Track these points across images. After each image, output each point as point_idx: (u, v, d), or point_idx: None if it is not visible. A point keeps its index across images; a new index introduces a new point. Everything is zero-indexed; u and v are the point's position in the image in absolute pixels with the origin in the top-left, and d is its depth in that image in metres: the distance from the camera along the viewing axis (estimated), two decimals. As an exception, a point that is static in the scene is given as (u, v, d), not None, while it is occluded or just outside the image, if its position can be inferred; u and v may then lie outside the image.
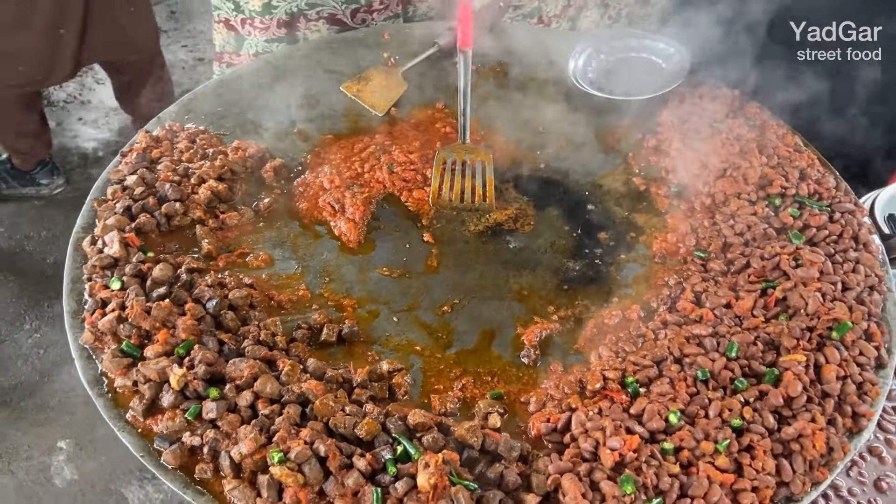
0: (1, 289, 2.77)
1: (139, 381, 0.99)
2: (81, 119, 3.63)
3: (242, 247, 1.27)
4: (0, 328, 2.60)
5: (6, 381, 2.41)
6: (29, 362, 2.47)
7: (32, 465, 2.18)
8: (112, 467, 2.19)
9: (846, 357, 1.05)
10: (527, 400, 1.06)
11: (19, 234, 3.00)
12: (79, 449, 2.23)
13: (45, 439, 2.25)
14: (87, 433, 2.27)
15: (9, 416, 2.30)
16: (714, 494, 0.89)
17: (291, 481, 0.88)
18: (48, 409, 2.33)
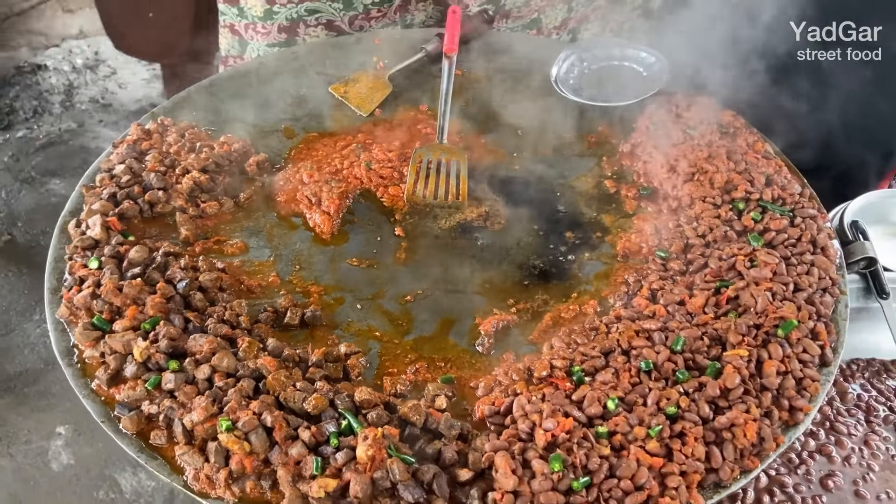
0: (15, 281, 2.87)
1: (106, 353, 1.05)
2: (102, 121, 3.74)
3: (219, 235, 1.33)
4: (11, 318, 2.69)
5: (12, 369, 2.49)
6: (35, 351, 2.56)
7: (31, 449, 2.25)
8: (108, 454, 2.26)
9: (789, 354, 1.08)
10: (476, 385, 1.10)
11: (35, 230, 3.10)
12: (77, 434, 2.30)
13: (45, 424, 2.32)
14: (86, 420, 2.32)
15: (11, 402, 2.38)
16: (641, 476, 0.92)
17: (237, 448, 0.93)
18: (50, 395, 2.41)
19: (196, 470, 0.94)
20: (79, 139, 3.63)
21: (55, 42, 3.92)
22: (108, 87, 3.94)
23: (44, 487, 2.17)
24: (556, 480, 0.91)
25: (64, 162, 3.47)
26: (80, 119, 3.75)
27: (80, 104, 3.83)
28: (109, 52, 4.01)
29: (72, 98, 3.84)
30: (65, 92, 3.85)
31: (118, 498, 2.17)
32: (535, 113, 1.60)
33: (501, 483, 0.91)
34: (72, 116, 3.76)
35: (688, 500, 0.93)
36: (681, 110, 1.54)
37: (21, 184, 3.34)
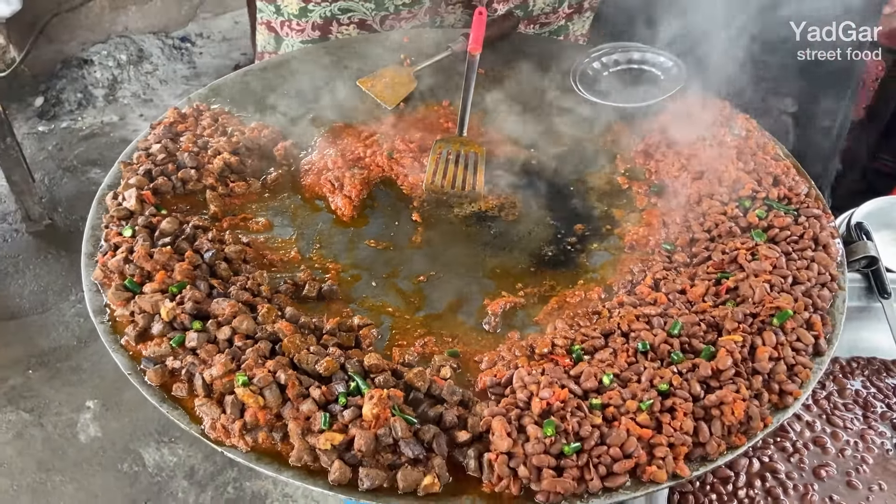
0: (54, 263, 3.00)
1: (135, 312, 1.13)
2: (142, 115, 3.89)
3: (246, 212, 1.41)
4: (48, 297, 2.81)
5: (47, 344, 2.60)
6: (69, 329, 2.67)
7: (61, 420, 2.36)
8: (133, 428, 2.35)
9: (783, 341, 1.11)
10: (480, 360, 1.16)
11: (75, 216, 3.24)
12: (105, 409, 2.40)
13: (75, 398, 2.43)
14: (115, 395, 2.44)
15: (44, 375, 2.49)
16: (630, 445, 0.97)
17: (252, 402, 1.00)
18: (81, 371, 2.51)
19: (213, 420, 1.01)
20: (119, 131, 3.77)
21: (101, 38, 4.08)
22: (150, 83, 4.08)
23: (71, 457, 2.27)
24: (549, 444, 0.96)
25: (104, 152, 3.62)
26: (122, 112, 3.89)
27: (123, 98, 3.98)
28: (152, 50, 4.17)
29: (115, 92, 4.00)
30: (108, 86, 4.00)
31: (141, 471, 2.26)
32: (554, 112, 1.66)
33: (496, 444, 0.97)
34: (114, 110, 3.91)
35: (674, 469, 0.97)
36: (695, 112, 1.59)
37: (63, 172, 3.49)
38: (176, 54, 4.28)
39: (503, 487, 0.95)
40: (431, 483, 0.94)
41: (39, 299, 2.81)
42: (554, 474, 0.95)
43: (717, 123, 1.56)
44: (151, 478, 2.24)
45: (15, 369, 2.51)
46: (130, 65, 4.10)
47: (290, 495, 2.23)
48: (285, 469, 0.97)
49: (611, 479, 0.96)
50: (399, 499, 0.95)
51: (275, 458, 0.99)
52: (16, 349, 2.58)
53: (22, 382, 2.46)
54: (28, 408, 2.38)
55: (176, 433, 2.36)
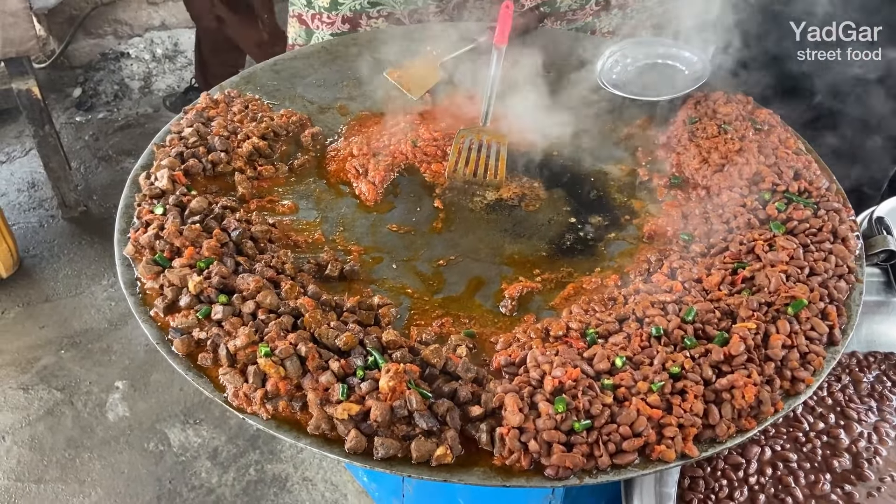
0: (88, 249, 3.08)
1: (164, 285, 1.18)
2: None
3: (273, 195, 1.45)
4: (81, 281, 2.89)
5: (79, 326, 2.68)
6: (101, 312, 2.75)
7: (90, 399, 2.43)
8: (160, 409, 2.41)
9: (797, 330, 1.12)
10: (496, 340, 1.18)
11: (109, 204, 3.32)
12: (133, 390, 2.46)
13: (104, 378, 2.49)
14: (143, 377, 2.50)
15: (75, 356, 2.56)
16: (640, 424, 0.99)
17: (273, 372, 1.03)
18: (111, 352, 2.58)
19: (236, 388, 1.04)
20: (154, 123, 3.85)
21: (138, 32, 4.18)
22: (184, 77, 4.16)
23: (99, 435, 2.34)
24: (559, 421, 0.98)
25: (139, 143, 3.70)
26: (157, 105, 3.98)
27: (158, 91, 4.07)
28: (188, 44, 4.25)
29: (150, 85, 4.09)
30: (144, 79, 4.10)
31: (166, 451, 2.32)
32: (577, 104, 1.68)
33: (508, 419, 0.99)
34: (149, 102, 4.00)
35: (683, 449, 0.99)
36: (718, 106, 1.60)
37: (99, 161, 3.58)
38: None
39: (514, 461, 0.97)
40: (444, 454, 0.97)
41: (73, 283, 2.89)
42: (564, 449, 0.97)
43: (740, 118, 1.57)
44: (176, 457, 2.30)
45: (48, 349, 2.58)
46: (166, 58, 4.19)
47: (309, 479, 2.27)
48: (303, 437, 1.01)
49: (620, 456, 0.98)
50: (412, 468, 0.98)
51: (294, 426, 1.02)
52: (49, 331, 2.66)
53: (54, 362, 2.54)
54: (59, 386, 2.45)
55: (201, 415, 2.41)
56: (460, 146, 1.56)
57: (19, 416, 2.36)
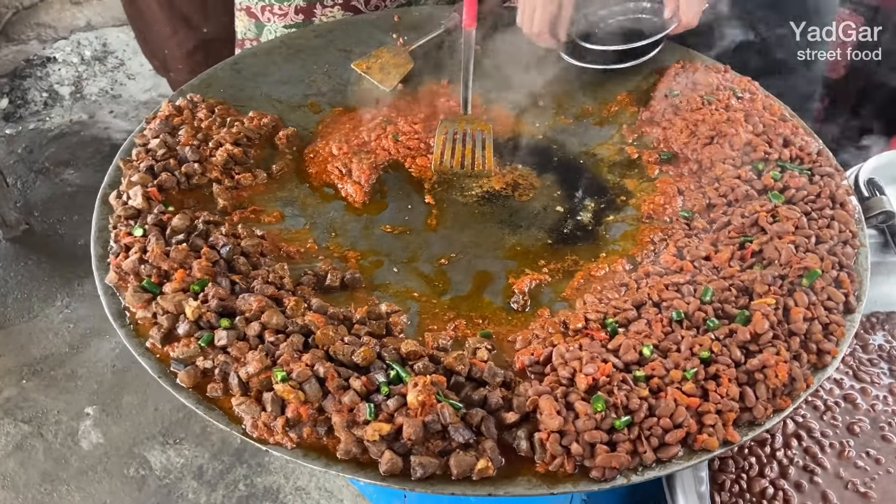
0: (34, 269, 2.91)
1: (158, 314, 1.09)
2: (112, 112, 3.78)
3: (255, 205, 1.37)
4: (33, 304, 2.74)
5: (38, 353, 2.54)
6: (59, 335, 2.60)
7: (61, 429, 2.30)
8: (136, 432, 2.31)
9: (815, 301, 1.12)
10: (514, 339, 1.14)
11: (52, 219, 3.15)
12: (105, 415, 2.35)
13: (73, 405, 2.37)
14: (114, 400, 2.39)
15: (39, 384, 2.43)
16: (680, 415, 0.96)
17: (293, 398, 0.97)
18: (77, 377, 2.45)
19: (254, 419, 0.98)
20: (90, 130, 3.67)
21: (63, 35, 3.96)
22: (117, 79, 3.97)
23: (75, 466, 2.22)
24: (599, 420, 0.95)
25: (77, 152, 3.52)
26: (91, 110, 3.78)
27: (90, 96, 3.87)
28: (117, 44, 4.05)
29: (81, 90, 3.88)
30: (74, 84, 3.89)
31: (148, 475, 2.22)
32: (551, 83, 1.64)
33: (547, 423, 0.95)
34: (82, 108, 3.80)
35: (724, 436, 0.97)
36: (698, 77, 1.58)
37: (36, 174, 3.39)
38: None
39: (557, 466, 0.94)
40: (485, 467, 0.93)
41: (24, 307, 2.73)
42: (607, 449, 0.94)
43: (721, 87, 1.55)
44: (159, 481, 2.20)
45: (8, 380, 2.44)
46: (96, 60, 3.98)
47: (302, 488, 2.21)
48: (334, 463, 0.95)
49: (663, 450, 0.96)
50: (454, 485, 0.93)
51: (322, 452, 0.96)
52: (6, 359, 2.51)
53: (17, 393, 2.40)
54: (26, 418, 2.32)
55: (180, 434, 2.32)
56: (444, 138, 1.51)
57: (-15, 455, 2.23)
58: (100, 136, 3.61)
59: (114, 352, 2.53)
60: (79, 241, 3.03)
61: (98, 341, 2.56)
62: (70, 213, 3.17)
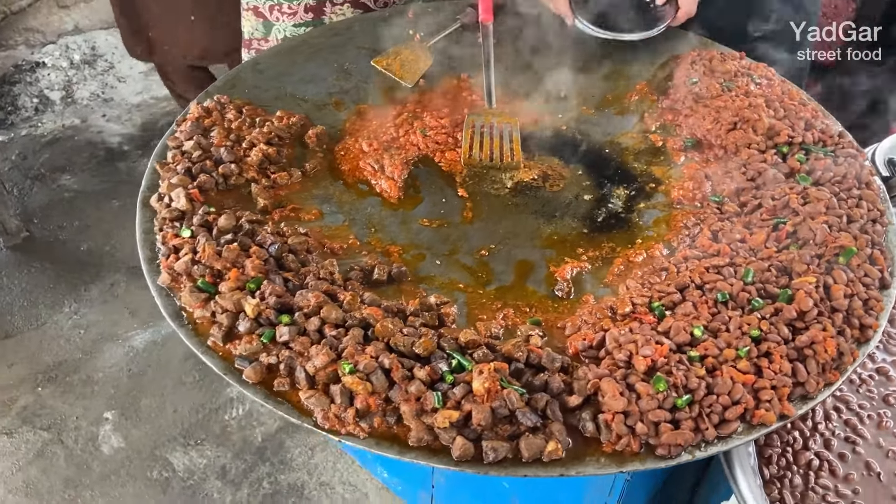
0: (39, 276, 2.89)
1: (217, 312, 1.11)
2: (105, 115, 3.75)
3: (293, 203, 1.38)
4: (40, 312, 2.72)
5: (51, 360, 2.52)
6: (71, 342, 2.59)
7: (81, 435, 2.30)
8: (157, 435, 2.31)
9: (852, 278, 1.16)
10: (563, 325, 1.17)
11: (52, 225, 3.12)
12: (124, 419, 2.34)
13: (91, 411, 2.36)
14: (132, 404, 2.38)
15: (55, 391, 2.42)
16: (737, 392, 1.00)
17: (361, 389, 0.99)
18: (93, 383, 2.44)
19: (324, 411, 1.00)
20: (83, 134, 3.64)
21: (52, 39, 3.90)
22: (108, 82, 3.94)
23: (97, 471, 2.22)
24: (661, 400, 0.98)
25: (72, 157, 3.48)
26: (83, 115, 3.75)
27: (81, 100, 3.84)
28: (106, 47, 4.02)
29: (72, 94, 3.85)
30: (65, 88, 3.85)
31: (172, 476, 2.22)
32: (572, 74, 1.67)
33: (610, 405, 0.98)
34: (74, 112, 3.76)
35: (781, 411, 1.00)
36: (715, 64, 1.62)
37: (32, 181, 3.35)
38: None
39: (624, 445, 0.97)
40: (555, 448, 0.96)
41: (31, 314, 2.71)
42: (671, 427, 0.97)
43: (739, 74, 1.59)
44: (183, 482, 2.21)
45: (23, 388, 2.42)
46: (85, 64, 3.94)
47: (326, 483, 2.22)
48: (407, 451, 0.97)
49: (724, 426, 0.99)
50: (525, 467, 0.96)
51: (394, 441, 0.99)
52: (20, 368, 2.49)
53: (33, 401, 2.38)
54: (45, 426, 2.31)
55: (201, 435, 2.32)
56: (471, 132, 1.53)
57: (7, 463, 2.21)
58: (94, 141, 3.58)
59: (128, 356, 2.52)
60: (81, 247, 3.01)
61: (111, 346, 2.55)
62: (70, 218, 3.14)
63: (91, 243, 3.02)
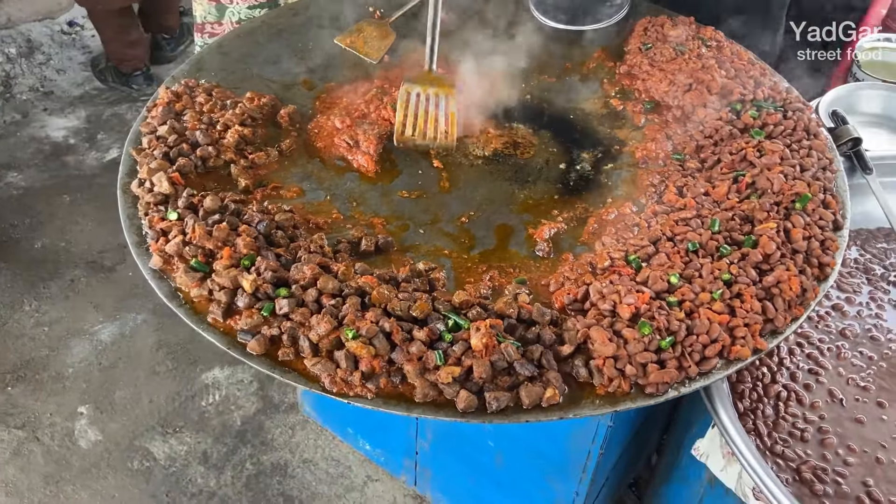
0: (-7, 277, 2.82)
1: (214, 290, 1.13)
2: (47, 109, 3.65)
3: (274, 181, 1.41)
4: (0, 313, 2.66)
5: (17, 359, 2.48)
6: (36, 340, 2.55)
7: (56, 431, 2.28)
8: (134, 426, 2.30)
9: (809, 222, 1.25)
10: (547, 283, 1.24)
11: (3, 224, 3.04)
12: (99, 412, 2.33)
13: (64, 406, 2.34)
14: (106, 397, 2.37)
15: (25, 389, 2.38)
16: (714, 331, 1.08)
17: (365, 352, 1.04)
18: (64, 378, 2.42)
19: (331, 375, 1.04)
20: (26, 129, 3.54)
21: (-16, 32, 3.77)
22: (47, 75, 3.83)
23: (77, 466, 2.21)
24: (647, 342, 1.06)
25: (16, 154, 3.39)
26: (24, 109, 3.65)
27: (21, 94, 3.72)
28: (42, 39, 3.90)
29: (10, 89, 3.73)
30: (2, 83, 3.72)
31: (154, 465, 2.23)
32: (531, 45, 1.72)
33: (600, 351, 1.05)
34: (14, 107, 3.65)
35: (754, 345, 1.09)
36: (667, 30, 1.69)
37: (-24, 180, 3.25)
38: (67, 40, 4.02)
39: (616, 387, 1.04)
40: (553, 395, 1.02)
41: (-10, 315, 2.66)
42: (658, 367, 1.05)
43: (690, 38, 1.67)
44: (165, 470, 2.22)
45: (-9, 389, 2.39)
46: (21, 57, 3.82)
47: (309, 460, 2.26)
48: (414, 407, 1.03)
49: (704, 363, 1.07)
50: (527, 413, 1.02)
51: (400, 399, 1.04)
52: (-15, 369, 2.45)
53: (4, 400, 2.34)
54: (19, 424, 2.28)
55: (179, 422, 2.33)
56: (405, 102, 1.52)
57: (-17, 465, 2.18)
58: (38, 136, 3.49)
59: (97, 350, 2.50)
60: (36, 244, 2.94)
61: (78, 341, 2.52)
62: (21, 216, 3.07)
63: (45, 240, 2.96)
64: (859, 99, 1.75)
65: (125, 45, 3.62)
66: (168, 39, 3.91)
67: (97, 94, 3.78)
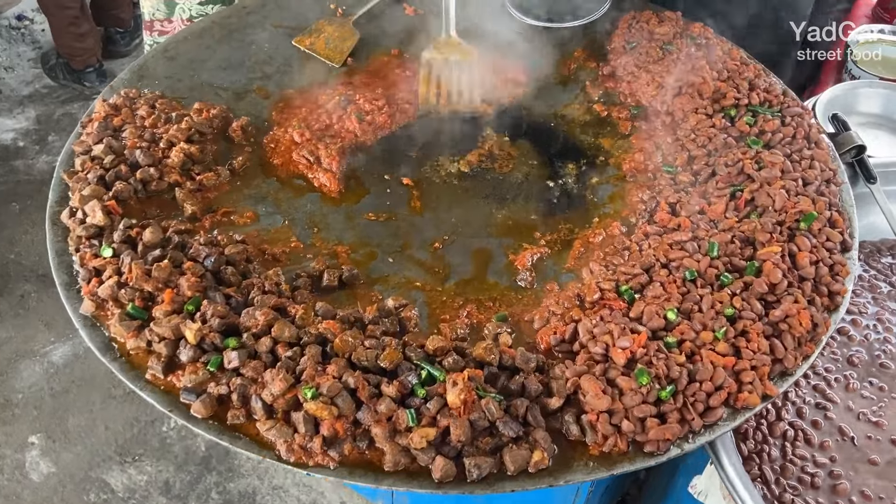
0: (-64, 295, 2.64)
1: (153, 341, 0.99)
2: (-6, 110, 3.44)
3: (224, 206, 1.26)
4: (-59, 335, 2.48)
5: (-39, 386, 2.31)
6: (-21, 366, 2.38)
7: (6, 464, 2.12)
8: (89, 455, 2.15)
9: (815, 244, 1.14)
10: (531, 318, 1.11)
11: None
12: (52, 441, 2.17)
13: (14, 437, 2.18)
14: (59, 424, 2.21)
15: (-29, 420, 2.22)
16: (719, 377, 0.96)
17: (326, 414, 0.91)
18: (12, 405, 2.25)
19: (287, 442, 0.91)
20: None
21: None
22: (-4, 88, 3.61)
23: (28, 500, 2.06)
24: (646, 393, 0.94)
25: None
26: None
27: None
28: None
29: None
30: (-54, 83, 3.50)
31: (111, 498, 2.08)
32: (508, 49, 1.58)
33: (593, 404, 0.93)
34: (-41, 109, 3.43)
35: (763, 391, 0.98)
36: (652, 26, 1.57)
37: (-82, 188, 3.05)
38: (16, 35, 3.80)
39: (611, 446, 0.92)
40: (541, 458, 0.90)
41: (-67, 336, 2.48)
42: (658, 422, 0.93)
43: (677, 35, 1.55)
44: (124, 502, 2.07)
45: (-67, 421, 2.22)
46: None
47: (279, 486, 2.13)
48: (384, 477, 0.90)
49: (709, 414, 0.96)
50: (513, 481, 0.90)
51: (368, 467, 0.91)
52: (-74, 400, 2.27)
53: (-53, 433, 2.18)
54: (-37, 459, 2.12)
55: (138, 450, 2.18)
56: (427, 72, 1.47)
57: (-76, 505, 2.02)
58: (-13, 140, 3.29)
59: (48, 373, 2.33)
60: (-18, 259, 2.76)
61: (28, 363, 2.36)
62: (-31, 230, 2.88)
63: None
64: (857, 98, 1.64)
65: (75, 38, 3.41)
66: (122, 33, 3.71)
67: (48, 92, 3.57)
